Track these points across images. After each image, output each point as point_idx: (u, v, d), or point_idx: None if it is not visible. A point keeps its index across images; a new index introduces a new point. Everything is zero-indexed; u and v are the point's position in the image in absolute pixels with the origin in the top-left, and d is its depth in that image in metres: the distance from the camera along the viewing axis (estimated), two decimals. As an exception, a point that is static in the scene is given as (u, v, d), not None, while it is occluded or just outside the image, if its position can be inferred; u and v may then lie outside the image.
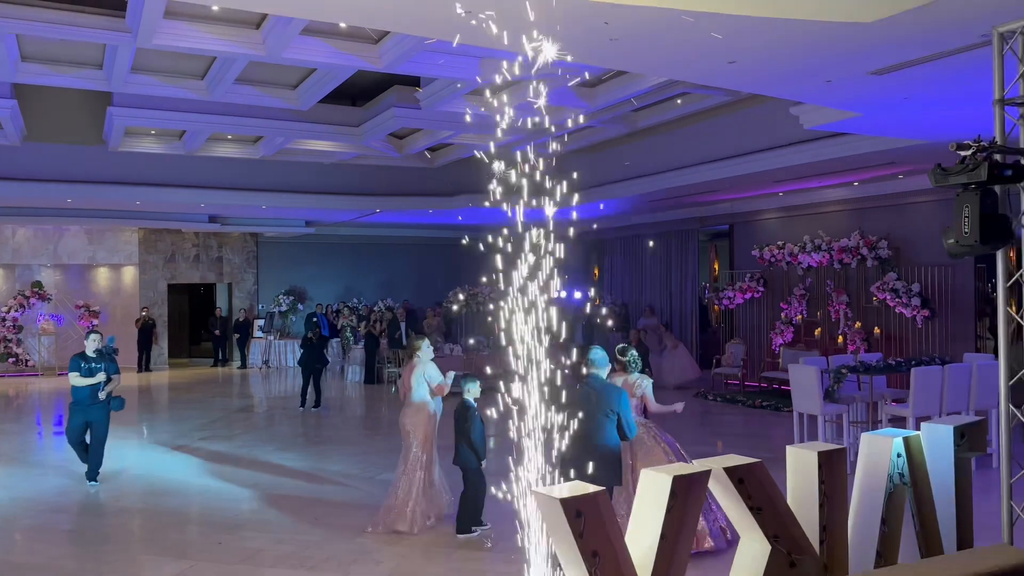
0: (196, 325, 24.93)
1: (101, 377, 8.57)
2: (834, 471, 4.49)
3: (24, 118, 13.36)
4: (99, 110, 13.60)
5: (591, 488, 3.71)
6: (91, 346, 8.75)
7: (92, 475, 8.73)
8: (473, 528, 6.97)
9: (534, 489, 3.68)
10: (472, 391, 7.07)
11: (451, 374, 7.66)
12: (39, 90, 12.89)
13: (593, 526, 3.63)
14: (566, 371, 6.49)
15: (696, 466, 4.12)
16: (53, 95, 13.71)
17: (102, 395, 8.60)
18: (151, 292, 21.30)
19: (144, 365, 20.39)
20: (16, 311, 19.72)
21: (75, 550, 6.31)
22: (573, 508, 3.60)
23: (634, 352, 6.95)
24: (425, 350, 7.62)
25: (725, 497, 4.20)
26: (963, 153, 4.22)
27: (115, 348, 9.51)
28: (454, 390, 7.38)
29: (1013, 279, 4.60)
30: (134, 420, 14.06)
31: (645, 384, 6.78)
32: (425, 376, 7.46)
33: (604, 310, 18.56)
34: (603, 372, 6.07)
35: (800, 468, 4.51)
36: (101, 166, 15.41)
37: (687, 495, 3.91)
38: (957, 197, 4.26)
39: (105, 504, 8.26)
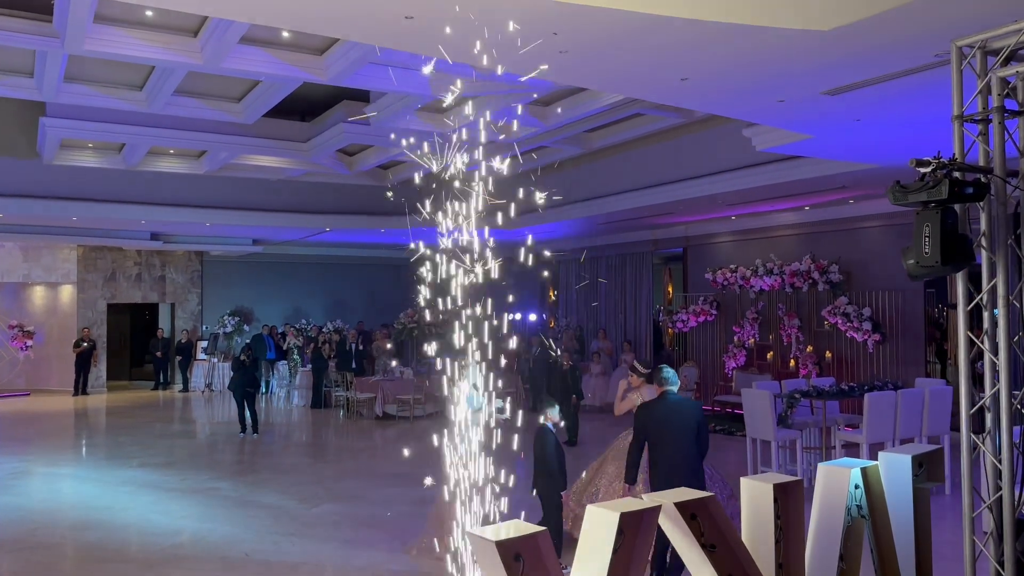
0: (137, 346, 24.02)
1: None
2: (790, 504, 4.23)
3: (-50, 128, 12.70)
4: (33, 121, 12.97)
5: (532, 528, 3.38)
6: None
7: None
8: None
9: (468, 530, 3.34)
10: (551, 415, 6.56)
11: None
12: (-33, 99, 12.27)
13: (534, 570, 3.30)
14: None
15: (645, 501, 3.82)
16: (-17, 105, 13.07)
17: None
18: (90, 312, 20.45)
19: (81, 388, 19.50)
20: (-57, 331, 18.75)
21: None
22: (511, 551, 3.26)
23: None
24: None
25: (676, 534, 3.90)
26: (923, 170, 4.04)
27: None
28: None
29: (974, 302, 4.42)
30: (65, 446, 13.34)
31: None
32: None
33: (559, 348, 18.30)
34: (676, 388, 6.21)
35: (755, 501, 4.24)
36: (35, 179, 14.72)
37: (636, 533, 3.60)
38: (917, 216, 4.07)
39: (16, 539, 7.65)
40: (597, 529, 3.59)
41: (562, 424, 6.48)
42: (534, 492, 6.57)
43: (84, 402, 18.57)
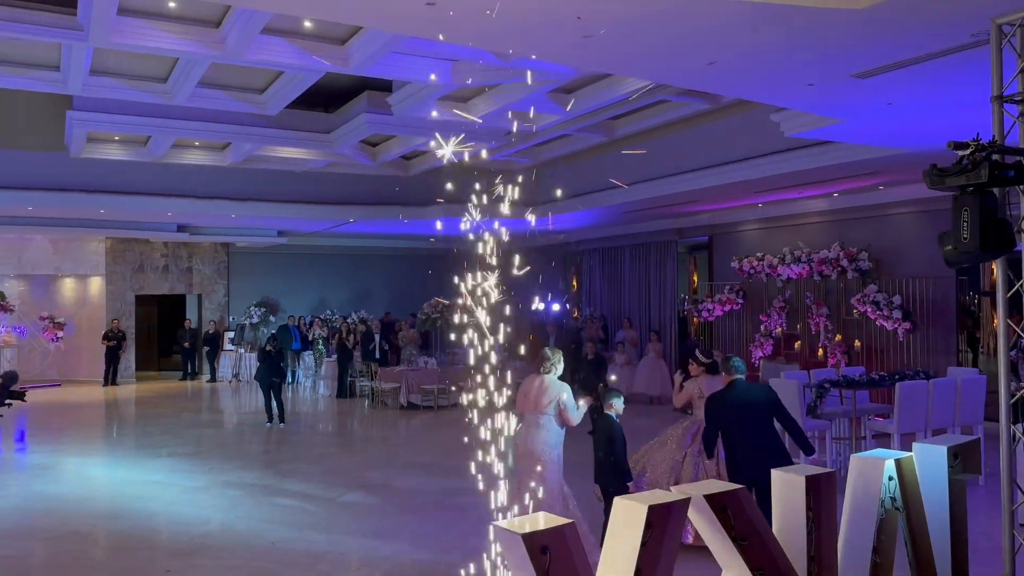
0: (165, 337, 24.27)
1: None
2: (823, 497, 4.14)
3: (-19, 122, 12.84)
4: (61, 115, 13.08)
5: (559, 520, 3.32)
6: None
7: None
8: None
9: (494, 523, 3.28)
10: (616, 406, 6.42)
11: (583, 405, 6.56)
12: (-3, 93, 12.40)
13: (560, 563, 3.24)
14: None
15: (674, 493, 3.74)
16: (13, 99, 13.19)
17: None
18: (118, 303, 20.67)
19: (111, 379, 19.75)
20: (-23, 323, 19.04)
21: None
22: (538, 544, 3.21)
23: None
24: (559, 365, 6.52)
25: (706, 527, 3.83)
26: (961, 153, 3.90)
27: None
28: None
29: (1013, 289, 4.28)
30: (95, 436, 13.51)
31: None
32: (561, 401, 6.35)
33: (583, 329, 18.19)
34: (744, 376, 6.32)
35: (787, 494, 4.15)
36: (63, 173, 14.86)
37: (665, 526, 3.52)
38: (955, 200, 3.93)
39: (50, 528, 7.74)
40: (625, 522, 3.53)
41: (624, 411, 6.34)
42: (597, 485, 6.47)
43: (114, 392, 18.80)
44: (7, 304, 19.40)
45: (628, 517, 3.51)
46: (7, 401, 5.55)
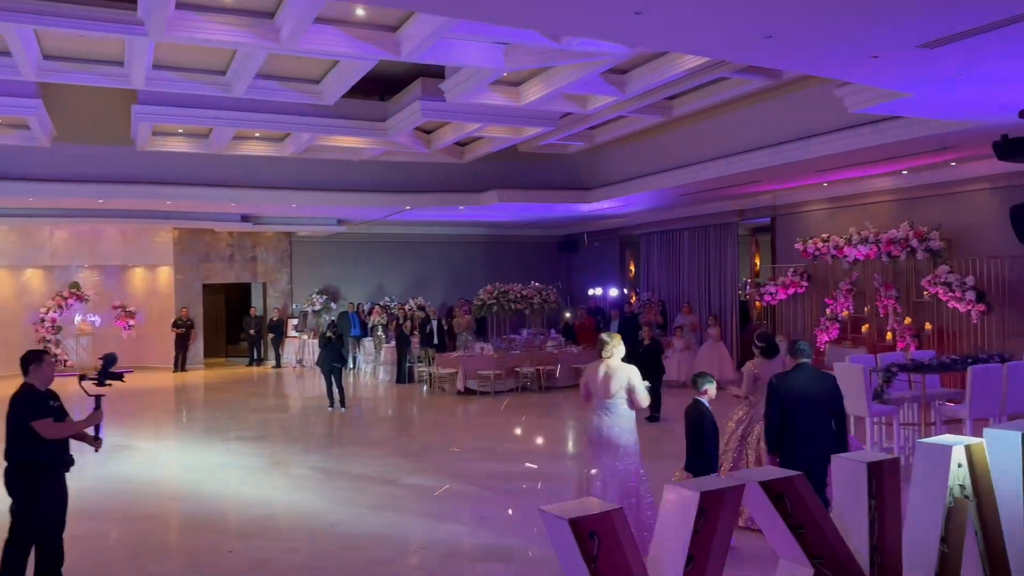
0: (232, 325, 24.96)
1: None
2: (886, 484, 4.00)
3: (52, 119, 13.31)
4: (127, 110, 13.49)
5: (607, 506, 3.27)
6: None
7: None
8: None
9: (541, 507, 3.25)
10: (710, 391, 6.31)
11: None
12: (67, 90, 12.83)
13: (609, 549, 3.19)
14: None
15: (728, 479, 3.66)
16: (81, 95, 13.64)
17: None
18: (186, 292, 21.31)
19: (180, 365, 20.42)
20: (55, 312, 19.84)
21: (79, 558, 6.06)
22: (586, 529, 3.17)
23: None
24: (618, 348, 6.35)
25: (762, 515, 3.73)
26: (1034, 122, 3.68)
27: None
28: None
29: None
30: (165, 420, 13.98)
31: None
32: (630, 384, 6.23)
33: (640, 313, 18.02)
34: (810, 360, 6.28)
35: (847, 481, 4.02)
36: (130, 166, 15.35)
37: (718, 513, 3.44)
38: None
39: (119, 509, 8.03)
40: (677, 509, 3.46)
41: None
42: (686, 472, 6.32)
43: (183, 378, 19.42)
44: (82, 294, 20.19)
45: (680, 504, 3.45)
46: (107, 382, 5.82)
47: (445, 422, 13.24)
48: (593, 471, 6.25)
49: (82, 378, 5.87)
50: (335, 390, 13.94)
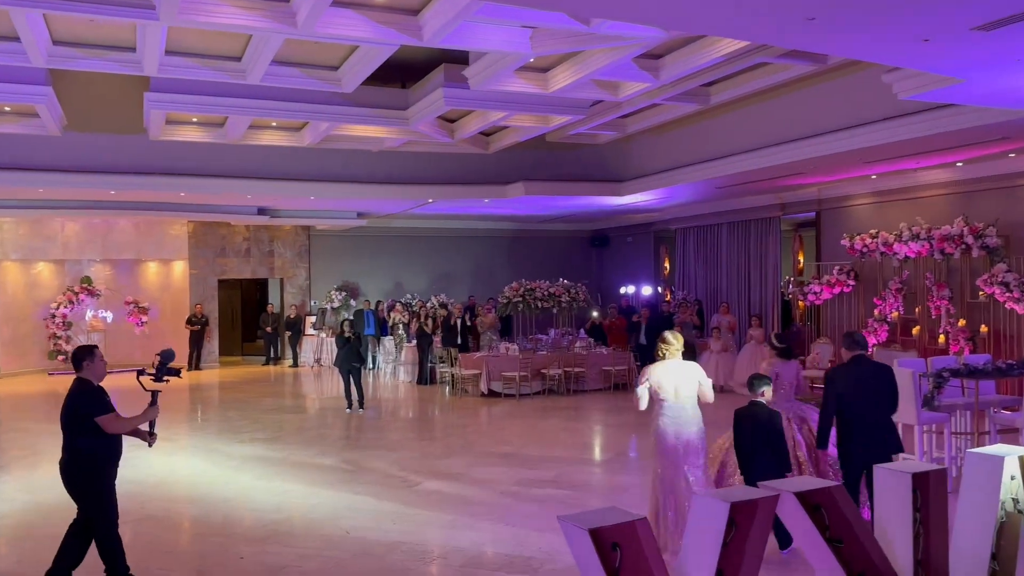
0: (248, 322, 25.20)
1: None
2: (932, 496, 3.94)
3: (63, 107, 13.52)
4: (139, 98, 13.67)
5: (630, 515, 3.25)
6: None
7: None
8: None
9: (560, 516, 3.24)
10: (767, 394, 6.41)
11: None
12: (78, 78, 13.01)
13: (632, 561, 3.18)
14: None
15: (762, 490, 3.62)
16: (92, 83, 13.83)
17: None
18: (201, 287, 21.57)
19: (195, 363, 20.66)
20: (65, 307, 20.17)
21: (85, 560, 6.14)
22: (607, 540, 3.16)
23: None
24: (681, 347, 6.63)
25: (798, 528, 3.69)
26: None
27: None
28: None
29: None
30: (178, 420, 14.15)
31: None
32: (701, 382, 6.53)
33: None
34: (866, 354, 6.47)
35: (891, 492, 3.97)
36: (143, 156, 15.53)
37: (750, 525, 3.41)
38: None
39: (128, 511, 8.11)
40: (705, 520, 3.43)
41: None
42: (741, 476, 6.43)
43: (198, 377, 19.67)
44: (93, 289, 20.50)
45: (709, 514, 3.42)
46: (165, 378, 6.10)
47: (468, 425, 13.26)
48: (668, 477, 6.48)
49: (140, 373, 6.20)
50: (353, 391, 14.04)
